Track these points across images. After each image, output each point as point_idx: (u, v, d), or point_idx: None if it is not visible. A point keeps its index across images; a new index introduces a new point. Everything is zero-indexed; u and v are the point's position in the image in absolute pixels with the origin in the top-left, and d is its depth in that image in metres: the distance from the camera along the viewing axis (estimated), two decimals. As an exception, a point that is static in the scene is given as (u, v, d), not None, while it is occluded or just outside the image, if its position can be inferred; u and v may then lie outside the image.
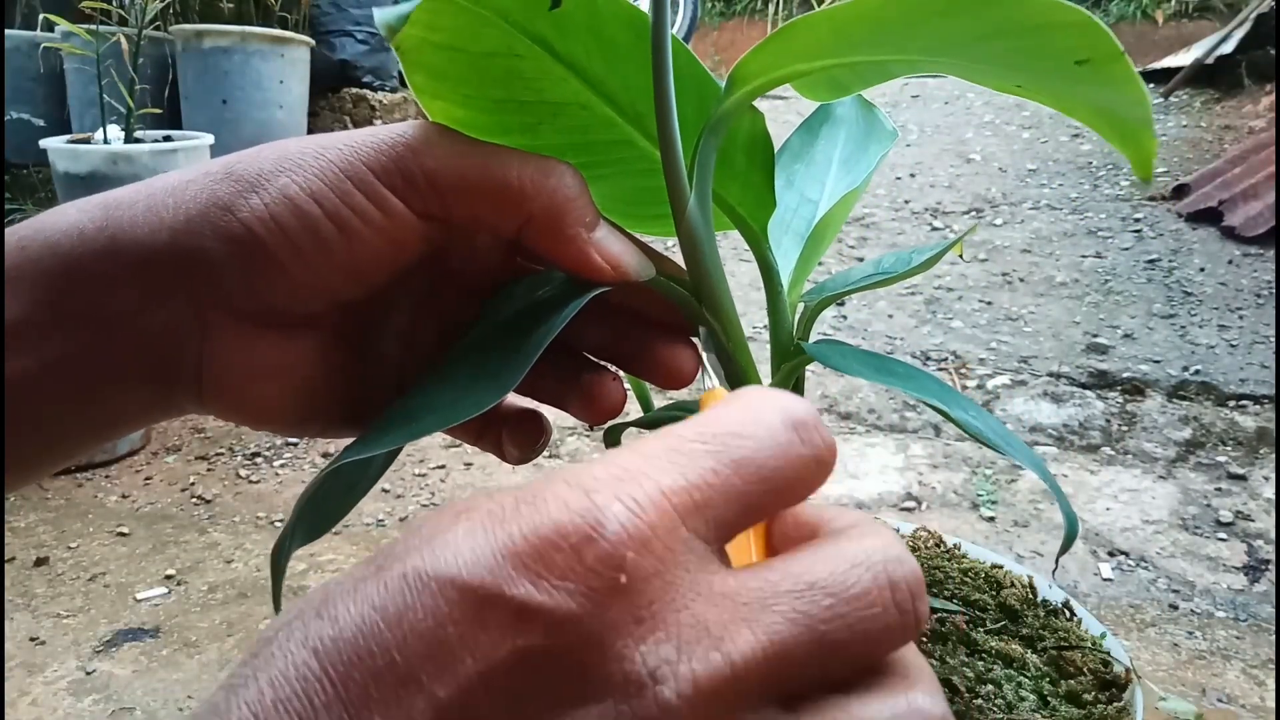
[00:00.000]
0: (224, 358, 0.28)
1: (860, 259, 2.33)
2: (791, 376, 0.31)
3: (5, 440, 0.27)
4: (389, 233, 0.27)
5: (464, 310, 0.32)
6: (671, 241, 0.31)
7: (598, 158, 0.30)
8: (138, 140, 1.79)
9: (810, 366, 0.32)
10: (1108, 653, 0.33)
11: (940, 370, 1.85)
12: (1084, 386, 1.79)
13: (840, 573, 0.18)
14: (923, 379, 0.28)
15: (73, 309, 0.27)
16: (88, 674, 1.10)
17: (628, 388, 0.33)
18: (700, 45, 4.77)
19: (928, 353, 1.93)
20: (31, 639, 1.16)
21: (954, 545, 0.40)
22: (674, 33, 0.27)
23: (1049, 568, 1.30)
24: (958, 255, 2.24)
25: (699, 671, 0.16)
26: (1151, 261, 2.24)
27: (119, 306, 0.27)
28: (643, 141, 0.31)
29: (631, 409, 0.36)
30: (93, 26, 1.75)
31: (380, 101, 2.64)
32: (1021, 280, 2.20)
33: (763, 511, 0.19)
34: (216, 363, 0.28)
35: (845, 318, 2.08)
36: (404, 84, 2.62)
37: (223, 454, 1.65)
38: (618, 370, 0.33)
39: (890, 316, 2.07)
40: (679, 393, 0.33)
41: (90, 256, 0.26)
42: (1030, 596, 0.37)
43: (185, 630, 1.18)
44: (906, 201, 2.63)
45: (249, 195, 0.27)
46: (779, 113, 2.64)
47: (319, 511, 0.29)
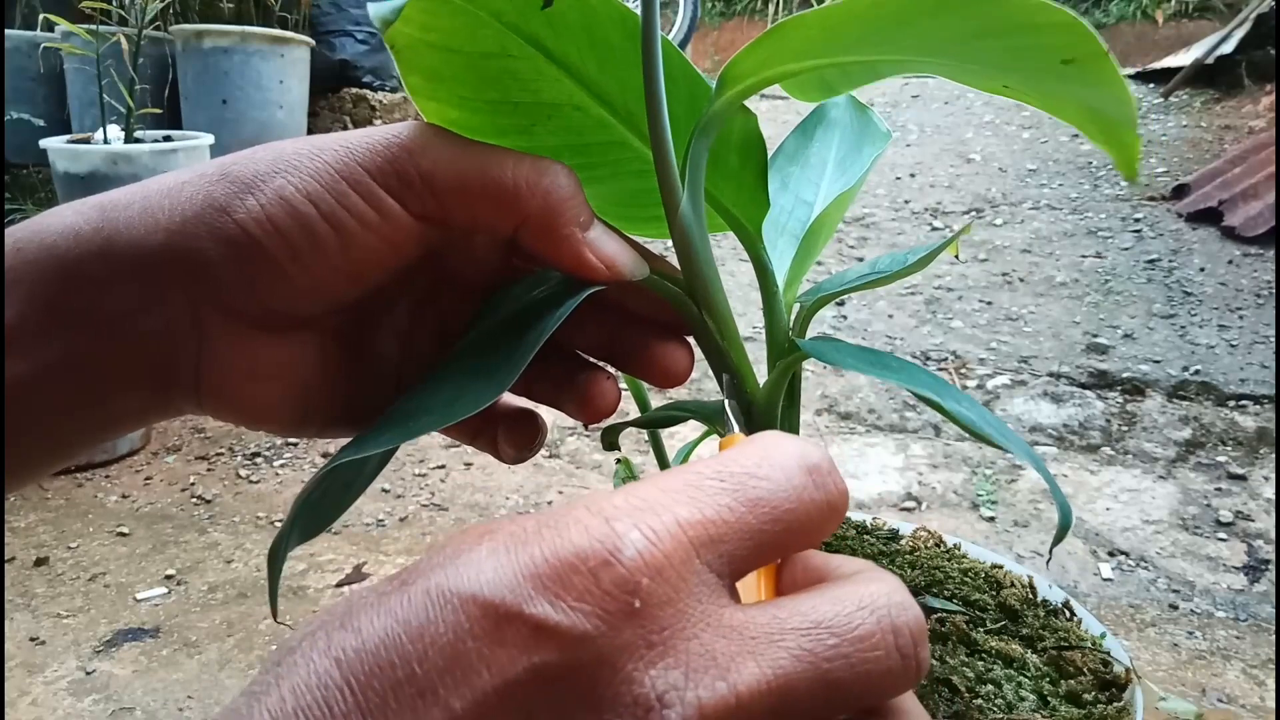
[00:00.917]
0: (222, 359, 0.28)
1: (860, 259, 2.33)
2: (787, 374, 0.31)
3: (4, 442, 0.27)
4: (385, 234, 0.27)
5: (463, 310, 0.32)
6: (668, 243, 0.31)
7: (593, 159, 0.30)
8: (138, 140, 1.79)
9: (811, 367, 0.32)
10: (1108, 653, 0.33)
11: (940, 370, 1.85)
12: (1084, 386, 1.79)
13: (845, 614, 0.18)
14: (916, 372, 0.28)
15: (69, 310, 0.27)
16: (88, 674, 1.10)
17: (624, 387, 0.33)
18: (700, 45, 4.77)
19: (928, 352, 1.93)
20: (31, 639, 1.16)
21: (954, 545, 0.40)
22: (674, 32, 0.27)
23: (1049, 566, 1.30)
24: (953, 255, 2.24)
25: (705, 699, 0.17)
26: (1151, 261, 2.24)
27: (116, 308, 0.27)
28: (637, 143, 0.31)
29: (630, 409, 0.36)
30: (93, 26, 1.75)
31: (380, 101, 2.64)
32: (1021, 280, 2.20)
33: (775, 551, 0.19)
34: (214, 364, 0.28)
35: (845, 318, 2.08)
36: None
37: (223, 454, 1.65)
38: (613, 370, 0.33)
39: (890, 316, 2.07)
40: (676, 391, 0.33)
41: (86, 258, 0.26)
42: (1030, 596, 0.37)
43: (185, 630, 1.18)
44: (906, 201, 2.63)
45: (244, 197, 0.27)
46: (778, 112, 2.64)
47: (315, 512, 0.29)
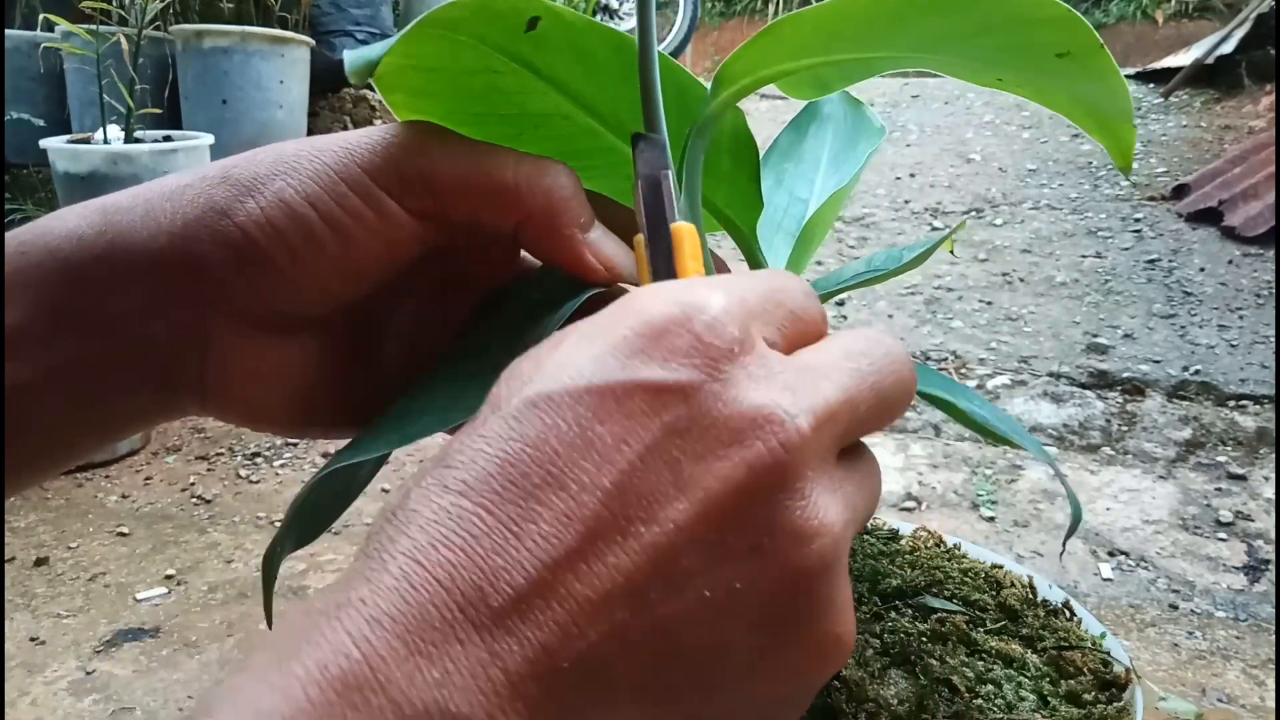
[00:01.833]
0: (226, 361, 0.28)
1: (860, 259, 2.33)
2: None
3: (8, 444, 0.27)
4: (384, 234, 0.27)
5: (468, 310, 0.32)
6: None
7: (582, 164, 0.30)
8: (138, 140, 1.79)
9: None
10: (1108, 653, 0.33)
11: (940, 370, 1.85)
12: (1084, 386, 1.79)
13: (867, 345, 0.22)
14: (925, 373, 0.28)
15: (74, 314, 0.27)
16: (88, 674, 1.10)
17: None
18: (700, 45, 4.77)
19: (928, 353, 1.93)
20: (31, 639, 1.16)
21: (954, 545, 0.40)
22: (674, 33, 0.27)
23: (1049, 567, 1.30)
24: (948, 252, 2.24)
25: (810, 407, 0.20)
26: (1151, 261, 2.24)
27: (120, 311, 0.27)
28: (627, 149, 0.31)
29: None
30: (93, 26, 1.75)
31: (380, 101, 2.64)
32: (1021, 280, 2.20)
33: (799, 324, 0.23)
34: (218, 366, 0.28)
35: (845, 318, 2.08)
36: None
37: (223, 454, 1.65)
38: None
39: (890, 316, 2.07)
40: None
41: (89, 262, 0.27)
42: (1030, 596, 0.37)
43: (185, 630, 1.18)
44: (906, 201, 2.63)
45: (245, 199, 0.27)
46: (776, 112, 2.64)
47: (310, 517, 0.29)
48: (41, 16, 1.88)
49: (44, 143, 1.74)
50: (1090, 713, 0.30)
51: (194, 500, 1.50)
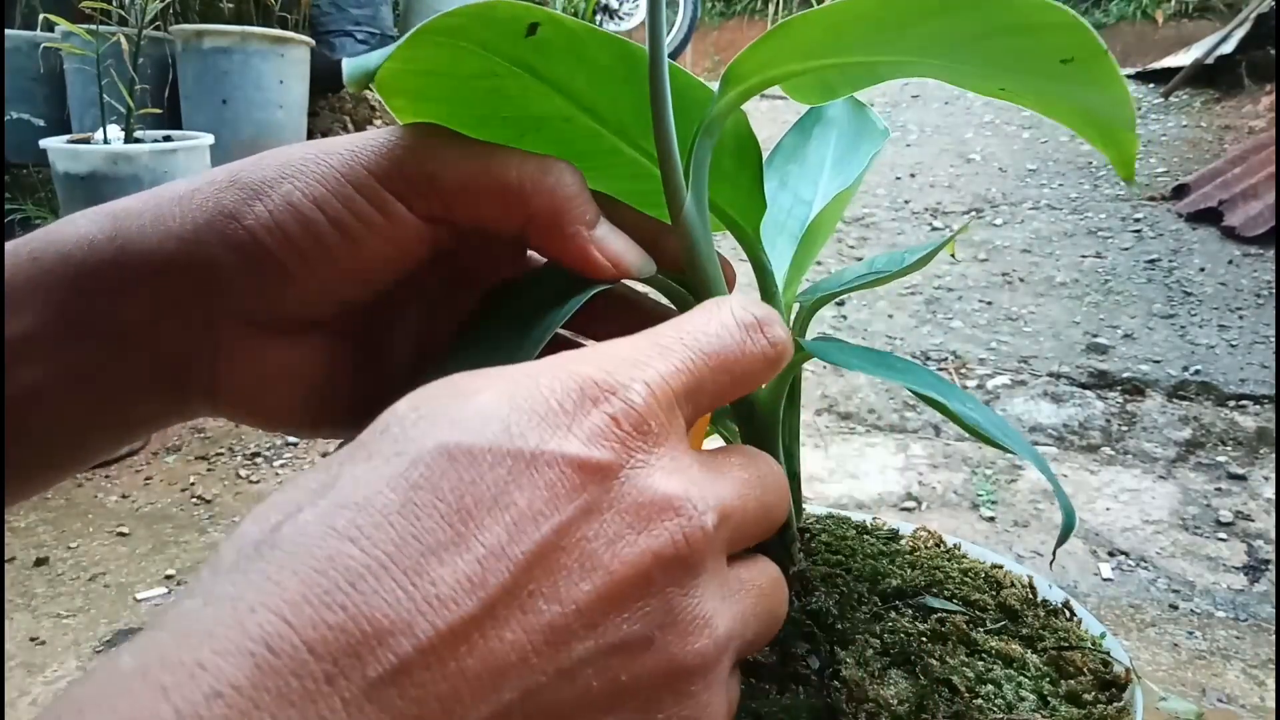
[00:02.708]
0: (237, 364, 0.28)
1: (860, 259, 2.33)
2: (790, 374, 0.30)
3: (21, 447, 0.27)
4: (392, 236, 0.27)
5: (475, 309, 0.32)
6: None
7: (584, 164, 0.30)
8: (138, 140, 1.79)
9: (810, 367, 0.32)
10: (1108, 653, 0.33)
11: (940, 370, 1.85)
12: (1084, 386, 1.79)
13: (757, 459, 0.24)
14: (920, 372, 0.28)
15: (86, 318, 0.27)
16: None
17: None
18: (700, 45, 4.77)
19: (927, 353, 1.93)
20: (31, 639, 1.16)
21: (954, 545, 0.40)
22: (674, 33, 0.27)
23: (1049, 568, 1.30)
24: (950, 255, 2.24)
25: (719, 504, 0.21)
26: (1151, 261, 2.24)
27: (131, 316, 0.27)
28: (629, 150, 0.31)
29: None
30: (93, 26, 1.75)
31: (380, 101, 2.63)
32: (1021, 280, 2.21)
33: (725, 396, 0.23)
34: (229, 369, 0.28)
35: (845, 318, 2.08)
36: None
37: (223, 454, 1.65)
38: None
39: (890, 316, 2.08)
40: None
41: (101, 266, 0.27)
42: (1030, 596, 0.37)
43: (185, 630, 1.18)
44: (906, 201, 2.63)
45: (253, 203, 0.27)
46: (778, 112, 2.64)
47: None
48: (41, 16, 1.88)
49: (44, 143, 1.74)
50: (1090, 713, 0.30)
51: (194, 500, 1.50)
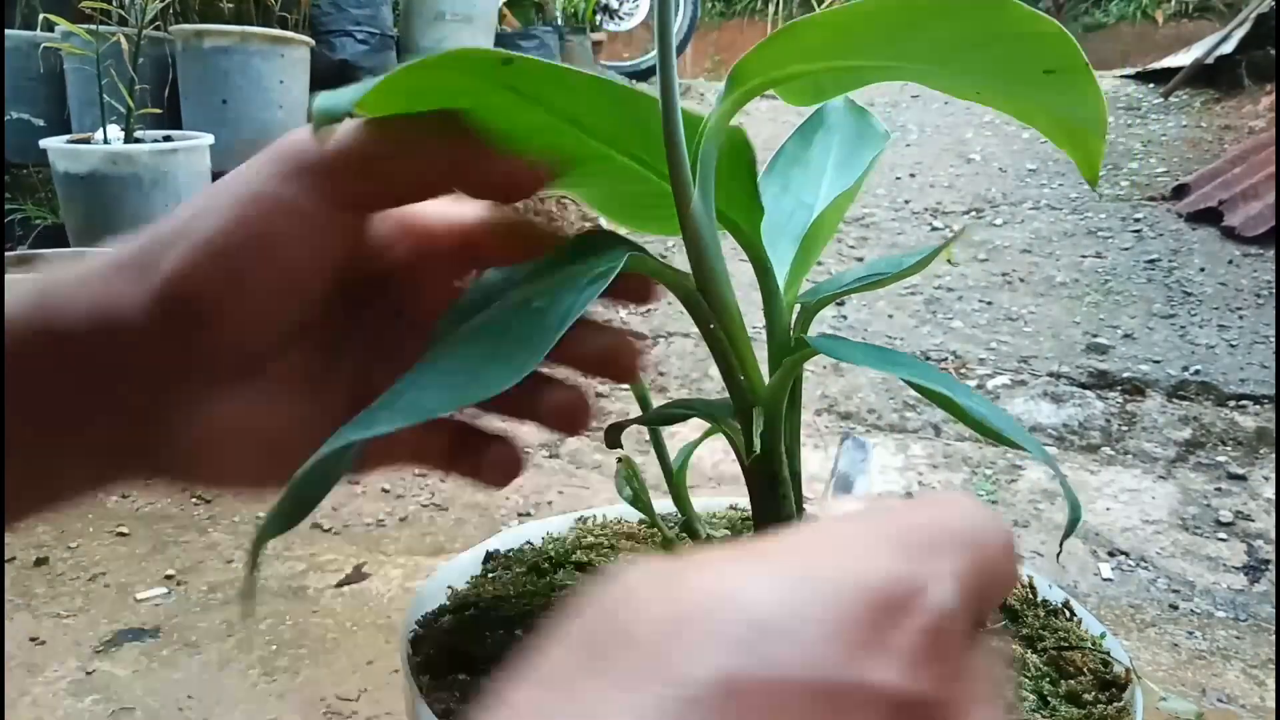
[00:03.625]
0: (179, 424, 0.27)
1: (860, 259, 2.33)
2: (792, 372, 0.30)
3: (2, 448, 0.26)
4: (303, 235, 0.27)
5: (419, 344, 0.30)
6: (673, 241, 0.31)
7: (574, 168, 0.30)
8: (138, 140, 1.79)
9: (811, 367, 0.32)
10: (1108, 653, 0.33)
11: (940, 370, 1.85)
12: (1084, 386, 1.79)
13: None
14: (926, 368, 0.28)
15: (15, 402, 0.26)
16: (88, 674, 1.10)
17: (624, 388, 0.33)
18: (700, 45, 4.77)
19: (927, 353, 1.93)
20: (31, 639, 1.16)
21: (954, 545, 0.40)
22: (674, 33, 0.28)
23: (1049, 567, 1.30)
24: (947, 260, 2.24)
25: None
26: (1151, 261, 2.24)
27: (64, 398, 0.27)
28: (620, 158, 0.31)
29: (631, 408, 0.36)
30: (93, 26, 1.75)
31: (380, 101, 2.63)
32: (1021, 280, 2.21)
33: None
34: (175, 430, 0.28)
35: (845, 318, 2.08)
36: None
37: (223, 454, 1.65)
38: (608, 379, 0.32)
39: (890, 316, 2.08)
40: (679, 391, 0.33)
41: (28, 350, 0.26)
42: (1030, 596, 0.37)
43: (185, 630, 1.18)
44: (906, 201, 2.63)
45: (166, 252, 0.26)
46: (778, 112, 2.64)
47: (298, 496, 0.29)
48: (41, 16, 1.88)
49: (44, 143, 1.74)
50: (1090, 713, 0.30)
51: (194, 500, 1.50)
